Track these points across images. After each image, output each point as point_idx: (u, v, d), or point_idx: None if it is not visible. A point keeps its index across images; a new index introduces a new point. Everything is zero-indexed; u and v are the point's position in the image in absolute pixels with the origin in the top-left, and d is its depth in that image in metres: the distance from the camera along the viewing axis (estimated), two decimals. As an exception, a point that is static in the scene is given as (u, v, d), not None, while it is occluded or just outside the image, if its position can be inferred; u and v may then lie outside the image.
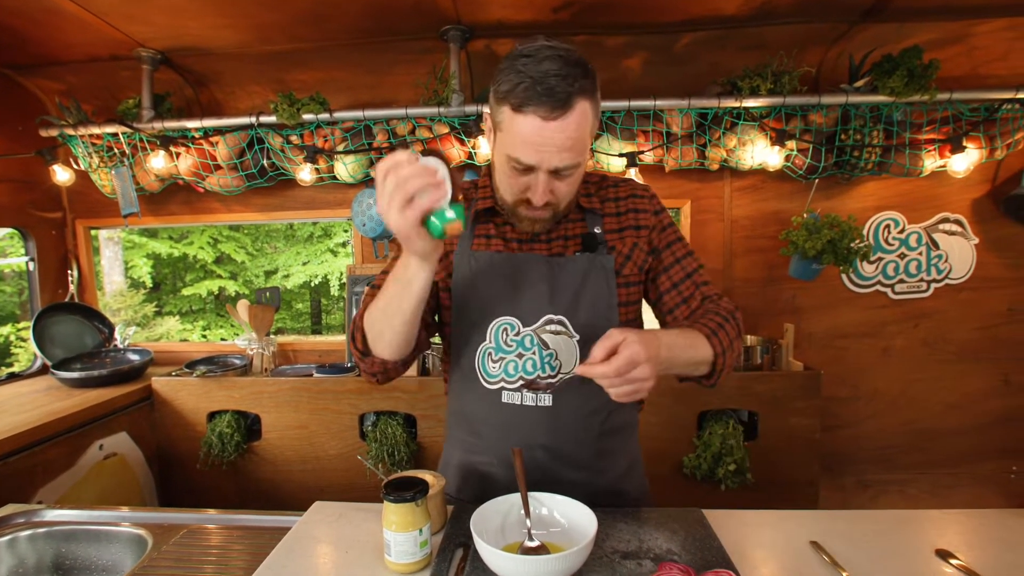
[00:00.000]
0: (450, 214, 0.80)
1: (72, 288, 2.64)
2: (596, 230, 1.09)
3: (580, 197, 1.09)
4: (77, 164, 2.42)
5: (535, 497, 0.95)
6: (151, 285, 8.40)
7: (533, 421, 1.05)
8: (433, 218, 0.80)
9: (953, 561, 0.90)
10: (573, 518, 0.92)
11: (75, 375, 2.23)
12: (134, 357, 2.48)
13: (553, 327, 1.04)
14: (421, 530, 0.88)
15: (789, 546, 0.96)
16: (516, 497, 0.94)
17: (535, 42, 0.92)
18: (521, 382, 1.05)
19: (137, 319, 7.30)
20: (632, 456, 1.17)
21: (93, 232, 2.80)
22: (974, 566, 0.88)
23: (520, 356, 1.04)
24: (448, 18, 2.04)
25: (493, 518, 0.92)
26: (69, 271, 2.64)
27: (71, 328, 2.54)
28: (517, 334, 1.04)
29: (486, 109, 1.00)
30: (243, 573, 0.91)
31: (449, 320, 1.10)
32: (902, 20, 2.08)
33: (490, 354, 1.06)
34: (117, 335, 2.60)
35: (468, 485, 1.14)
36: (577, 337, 1.04)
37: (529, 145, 0.90)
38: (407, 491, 0.88)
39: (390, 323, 0.96)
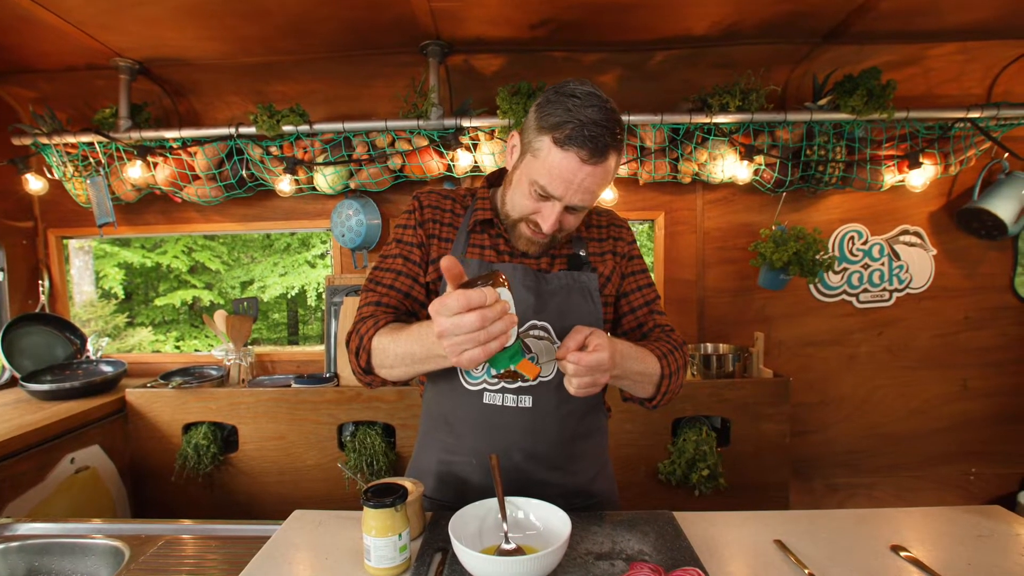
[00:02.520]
0: (519, 356, 0.83)
1: (43, 299, 2.59)
2: (581, 252, 1.16)
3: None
4: (51, 173, 2.39)
5: (511, 501, 0.98)
6: (123, 296, 8.21)
7: (513, 422, 1.08)
8: (500, 355, 0.82)
9: (903, 554, 0.95)
10: (548, 521, 0.95)
11: (45, 387, 2.19)
12: (107, 368, 2.44)
13: (536, 332, 1.08)
14: (401, 535, 0.91)
15: (754, 545, 1.00)
16: (493, 502, 0.97)
17: (583, 85, 0.98)
18: (503, 383, 1.08)
19: (108, 330, 7.13)
20: (602, 460, 1.22)
21: (64, 241, 2.76)
22: (926, 560, 0.93)
23: None
24: (428, 33, 2.08)
25: (471, 522, 0.94)
26: (40, 281, 2.60)
27: (41, 339, 2.50)
28: None
29: (520, 132, 1.06)
30: (223, 582, 0.92)
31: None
32: (861, 43, 2.19)
33: None
34: (89, 346, 2.56)
35: (445, 485, 1.15)
36: (557, 344, 1.08)
37: (559, 179, 0.97)
38: (386, 497, 0.90)
39: (404, 370, 1.00)
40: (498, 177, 1.23)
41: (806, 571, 0.91)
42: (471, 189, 1.22)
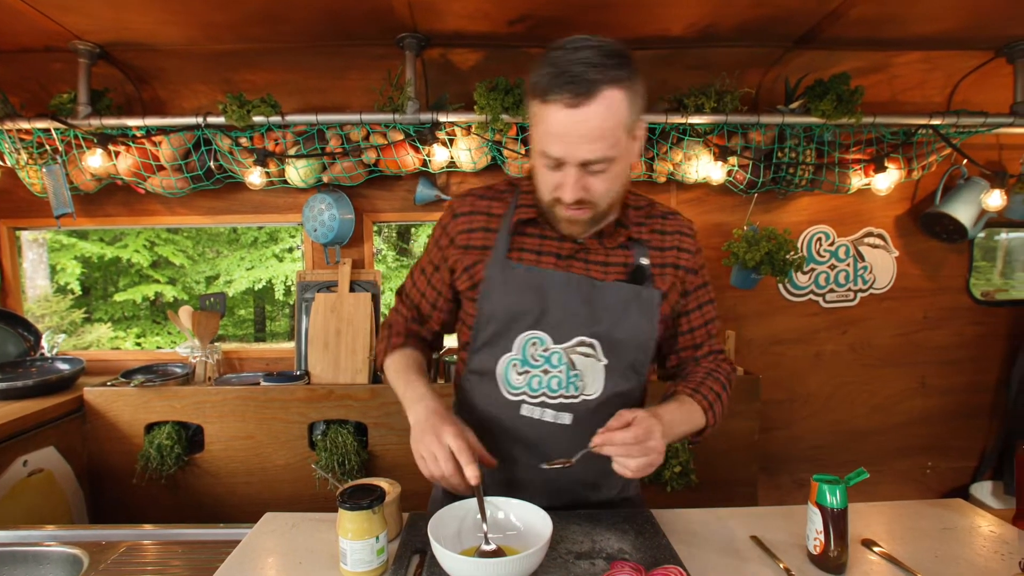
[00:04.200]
0: None
1: (-7, 293, 2.46)
2: (644, 261, 1.06)
3: (632, 225, 1.06)
4: (3, 160, 2.27)
5: (491, 502, 0.97)
6: (80, 291, 7.89)
7: (550, 437, 1.04)
8: None
9: (876, 549, 0.98)
10: (528, 521, 0.94)
11: (-4, 386, 2.08)
12: (63, 366, 2.33)
13: (584, 348, 1.03)
14: (378, 537, 0.89)
15: (732, 541, 1.01)
16: (472, 503, 0.96)
17: (575, 40, 0.89)
18: (543, 398, 1.04)
19: (64, 326, 6.83)
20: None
21: (16, 233, 2.62)
22: (895, 553, 0.96)
23: (546, 372, 1.03)
24: (405, 25, 2.05)
25: (450, 524, 0.93)
26: (-10, 274, 2.47)
27: (-9, 336, 2.37)
28: (546, 350, 1.03)
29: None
30: (190, 589, 0.88)
31: (472, 324, 1.09)
32: (831, 48, 2.24)
33: (515, 365, 1.04)
34: (44, 343, 2.45)
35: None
36: (605, 362, 1.04)
37: (555, 136, 0.88)
38: (363, 498, 0.88)
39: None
40: None
41: (781, 565, 0.92)
42: (515, 180, 1.14)
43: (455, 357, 1.26)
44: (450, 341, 1.44)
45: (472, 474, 0.89)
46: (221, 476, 2.21)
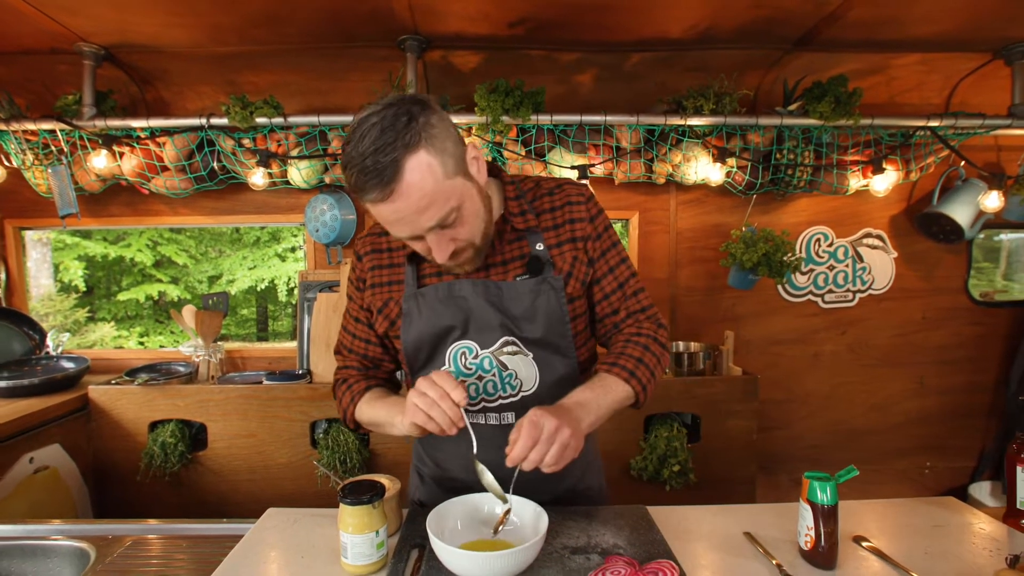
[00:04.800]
0: None
1: (-1, 292, 2.49)
2: (539, 247, 1.06)
3: (514, 217, 1.07)
4: (9, 161, 2.29)
5: (489, 498, 0.99)
6: (84, 289, 7.93)
7: (498, 440, 1.03)
8: None
9: (866, 544, 0.99)
10: (525, 516, 0.96)
11: (2, 384, 2.11)
12: (68, 365, 2.36)
13: (510, 348, 1.05)
14: (378, 532, 0.91)
15: (725, 537, 1.03)
16: (470, 498, 0.98)
17: (369, 108, 0.88)
18: (483, 404, 1.06)
19: (68, 325, 6.87)
20: (588, 456, 1.19)
21: (21, 233, 2.65)
22: (886, 549, 0.97)
23: (480, 378, 1.06)
24: (406, 28, 2.06)
25: (448, 519, 0.95)
26: (-4, 274, 2.49)
27: (-3, 334, 2.40)
28: (475, 357, 1.05)
29: None
30: (195, 581, 0.91)
31: (404, 357, 1.11)
32: (830, 50, 2.25)
33: None
34: (49, 342, 2.47)
35: (444, 496, 1.13)
36: (531, 355, 1.06)
37: (392, 224, 0.90)
38: (364, 493, 0.90)
39: (384, 432, 1.08)
40: None
41: (774, 561, 0.94)
42: None
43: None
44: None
45: (460, 396, 0.88)
46: (224, 474, 2.23)
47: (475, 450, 0.93)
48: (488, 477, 0.93)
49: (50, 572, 1.09)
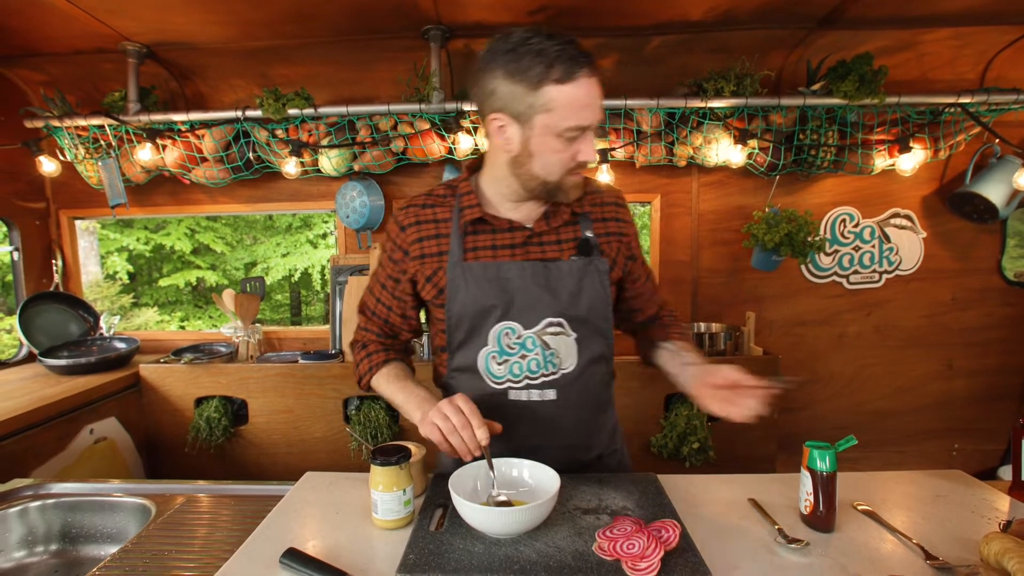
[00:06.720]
0: None
1: (57, 278, 2.67)
2: (589, 234, 1.16)
3: (572, 202, 1.15)
4: (63, 155, 2.45)
5: (508, 462, 1.06)
6: (128, 278, 8.31)
7: (537, 414, 1.14)
8: None
9: (863, 509, 1.04)
10: (540, 479, 1.03)
11: (63, 362, 2.28)
12: (120, 345, 2.53)
13: (553, 328, 1.11)
14: (405, 490, 0.99)
15: (730, 503, 1.09)
16: (484, 464, 1.06)
17: (513, 34, 1.00)
18: (526, 381, 1.13)
19: (115, 310, 7.24)
20: (612, 424, 1.29)
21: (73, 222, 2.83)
22: (884, 516, 1.01)
23: (523, 357, 1.12)
24: (429, 18, 2.12)
25: (468, 481, 1.03)
26: (53, 261, 2.68)
27: (56, 317, 2.58)
28: (519, 337, 1.11)
29: (495, 114, 1.04)
30: (242, 533, 1.00)
31: (445, 328, 1.17)
32: (856, 28, 2.22)
33: (494, 357, 1.13)
34: (103, 323, 2.65)
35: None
36: (574, 336, 1.13)
37: (584, 108, 0.99)
38: (392, 455, 0.99)
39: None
40: (479, 163, 1.20)
41: (776, 526, 0.99)
42: (451, 185, 1.20)
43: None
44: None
45: (483, 435, 0.97)
46: (264, 447, 2.37)
47: (494, 484, 1.01)
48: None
49: (117, 524, 1.22)
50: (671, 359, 1.21)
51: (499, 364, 1.13)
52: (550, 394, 1.13)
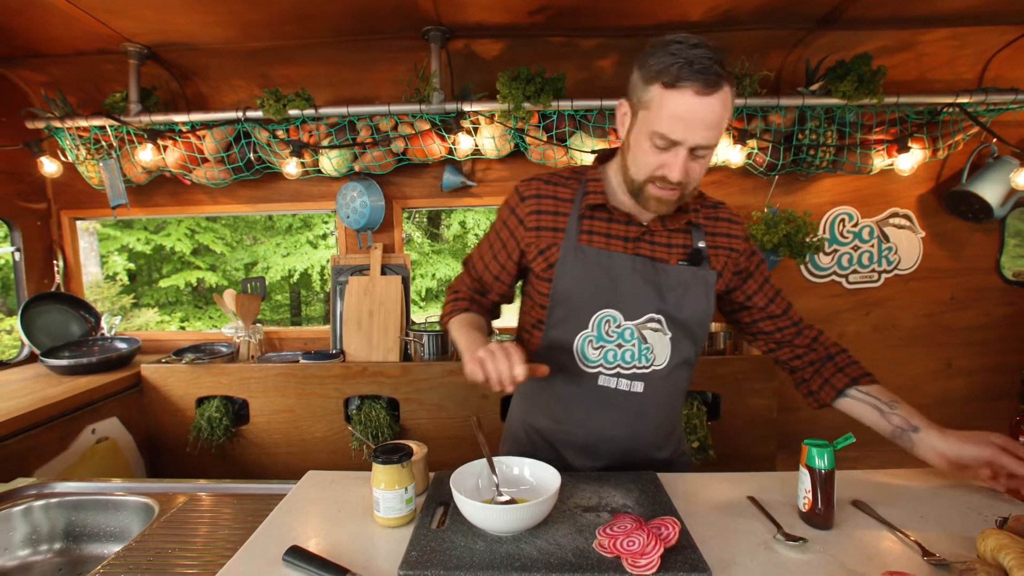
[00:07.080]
0: None
1: (58, 278, 2.68)
2: (700, 244, 1.18)
3: (691, 210, 1.17)
4: (64, 156, 2.46)
5: (509, 460, 1.07)
6: (127, 278, 8.32)
7: (622, 404, 1.17)
8: None
9: (861, 506, 1.05)
10: (540, 477, 1.04)
11: (64, 363, 2.29)
12: (122, 345, 2.54)
13: (653, 324, 1.14)
14: (407, 489, 1.00)
15: (729, 501, 1.09)
16: (487, 463, 1.06)
17: (678, 35, 0.99)
18: (618, 369, 1.16)
19: (115, 310, 7.25)
20: (680, 431, 1.35)
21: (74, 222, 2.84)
22: (882, 512, 1.02)
23: (620, 346, 1.15)
24: (429, 19, 2.13)
25: (469, 479, 1.04)
26: (55, 261, 2.68)
27: (57, 317, 2.59)
28: (618, 327, 1.14)
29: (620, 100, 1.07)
30: (245, 531, 1.01)
31: (546, 304, 1.18)
32: (855, 28, 2.23)
33: (591, 342, 1.16)
34: (104, 324, 2.66)
35: (536, 447, 1.27)
36: (670, 335, 1.16)
37: (678, 120, 0.96)
38: (394, 454, 1.00)
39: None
40: (609, 155, 1.23)
41: (775, 524, 1.00)
42: (579, 169, 1.23)
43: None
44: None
45: (520, 372, 0.97)
46: (265, 446, 2.38)
47: (496, 485, 1.02)
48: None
49: (120, 523, 1.23)
50: (871, 414, 1.31)
51: (595, 349, 1.16)
52: (638, 386, 1.16)
